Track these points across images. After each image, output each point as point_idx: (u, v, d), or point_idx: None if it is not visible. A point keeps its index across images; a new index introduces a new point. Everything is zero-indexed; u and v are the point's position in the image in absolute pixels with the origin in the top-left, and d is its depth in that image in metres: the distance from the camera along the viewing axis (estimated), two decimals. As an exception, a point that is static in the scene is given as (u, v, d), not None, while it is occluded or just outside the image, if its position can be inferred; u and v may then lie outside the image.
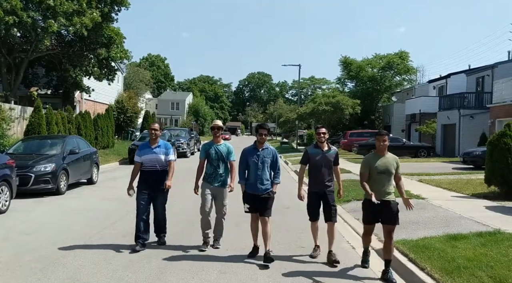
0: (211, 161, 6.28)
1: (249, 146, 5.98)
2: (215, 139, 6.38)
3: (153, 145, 6.46)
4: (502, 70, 24.72)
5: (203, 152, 6.39)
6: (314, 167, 5.89)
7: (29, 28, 18.98)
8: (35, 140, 13.60)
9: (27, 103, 22.14)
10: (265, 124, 6.01)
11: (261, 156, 5.82)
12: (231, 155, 6.36)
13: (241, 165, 5.93)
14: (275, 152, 6.01)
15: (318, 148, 5.92)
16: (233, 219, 7.80)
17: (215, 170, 6.27)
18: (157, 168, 6.41)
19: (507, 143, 9.80)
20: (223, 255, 6.05)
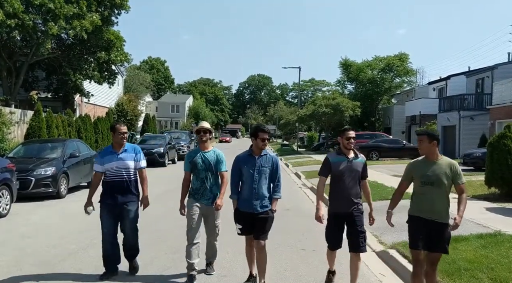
0: (197, 173, 5.13)
1: (244, 153, 4.83)
2: (201, 145, 5.22)
3: (118, 149, 5.19)
4: (501, 72, 24.76)
5: (187, 162, 5.20)
6: (337, 180, 4.64)
7: (30, 31, 19.04)
8: (36, 143, 13.61)
9: (27, 106, 22.18)
10: (265, 126, 4.82)
11: (258, 165, 4.68)
12: (221, 164, 5.20)
13: (233, 176, 4.82)
14: (275, 159, 4.85)
15: (342, 155, 4.68)
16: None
17: (203, 184, 5.11)
18: (124, 178, 5.13)
19: (507, 144, 9.81)
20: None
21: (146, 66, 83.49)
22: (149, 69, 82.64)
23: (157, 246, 6.54)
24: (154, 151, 20.56)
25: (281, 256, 6.06)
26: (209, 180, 5.12)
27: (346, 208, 4.61)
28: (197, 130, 5.25)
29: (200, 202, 5.11)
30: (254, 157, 4.72)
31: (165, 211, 9.19)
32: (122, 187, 5.14)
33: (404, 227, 7.34)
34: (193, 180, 5.19)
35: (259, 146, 4.71)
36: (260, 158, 4.73)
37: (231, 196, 4.86)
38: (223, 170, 5.19)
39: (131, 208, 5.18)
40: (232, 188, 4.86)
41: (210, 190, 5.13)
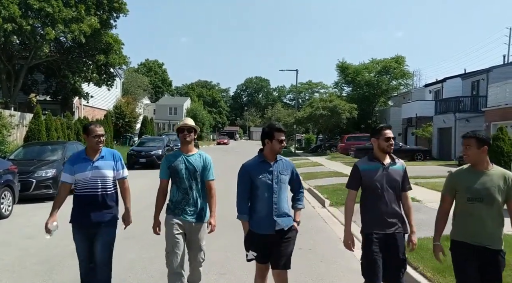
0: (178, 182, 4.16)
1: (253, 160, 3.93)
2: (183, 146, 4.26)
3: (93, 156, 4.15)
4: (497, 74, 25.00)
5: (164, 167, 4.21)
6: (371, 193, 3.71)
7: (28, 35, 19.18)
8: (36, 146, 13.75)
9: (27, 109, 22.30)
10: (280, 125, 3.96)
11: (276, 173, 3.79)
12: (209, 171, 4.28)
13: (242, 190, 3.86)
14: (292, 164, 4.01)
15: (376, 161, 3.77)
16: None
17: (186, 196, 4.16)
18: (99, 192, 4.10)
19: (500, 146, 10.03)
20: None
21: (144, 69, 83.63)
22: (147, 71, 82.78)
23: (156, 247, 6.68)
24: (152, 153, 20.71)
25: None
26: (193, 190, 4.16)
27: (385, 228, 3.66)
28: (179, 129, 4.24)
29: (182, 218, 4.14)
30: (268, 164, 3.81)
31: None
32: (97, 202, 4.09)
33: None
34: (172, 191, 4.21)
35: (276, 150, 3.80)
36: (276, 164, 3.84)
37: (240, 216, 3.86)
38: (210, 178, 4.26)
39: (106, 230, 4.12)
40: (240, 205, 3.85)
41: (194, 203, 4.17)
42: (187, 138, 4.23)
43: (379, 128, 3.88)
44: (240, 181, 3.90)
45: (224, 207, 9.89)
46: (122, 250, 5.91)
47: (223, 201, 11.16)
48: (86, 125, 4.25)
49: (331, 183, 13.89)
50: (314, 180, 15.27)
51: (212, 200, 4.29)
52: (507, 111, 20.11)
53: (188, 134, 4.24)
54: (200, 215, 4.23)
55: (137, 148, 21.85)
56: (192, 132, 4.27)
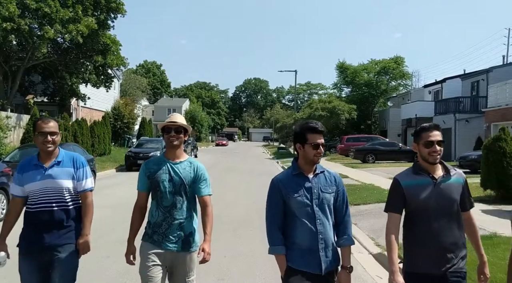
0: (159, 198, 3.17)
1: (285, 173, 2.94)
2: (169, 151, 3.24)
3: (47, 161, 3.20)
4: (496, 75, 24.93)
5: (142, 176, 3.24)
6: (419, 217, 2.78)
7: (25, 35, 19.03)
8: (32, 148, 13.52)
9: (23, 111, 22.14)
10: (317, 124, 2.84)
11: (317, 191, 2.79)
12: (203, 184, 3.25)
13: (274, 214, 2.84)
14: (339, 178, 2.95)
15: (424, 174, 2.81)
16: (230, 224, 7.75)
17: (168, 216, 3.15)
18: (53, 207, 3.16)
19: (502, 147, 9.87)
20: None
21: (142, 70, 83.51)
22: (145, 73, 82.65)
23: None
24: (150, 154, 20.54)
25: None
26: (178, 209, 3.14)
27: (437, 267, 2.73)
28: (164, 128, 3.21)
29: (163, 247, 3.12)
30: (305, 178, 2.80)
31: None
32: (52, 221, 3.15)
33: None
34: (151, 210, 3.21)
35: (310, 158, 2.77)
36: (317, 178, 2.81)
37: (274, 249, 2.80)
38: (205, 194, 3.24)
39: (65, 258, 3.17)
40: (272, 235, 2.82)
41: (179, 227, 3.14)
42: (175, 141, 3.15)
43: (421, 128, 2.86)
44: (270, 202, 2.85)
45: (221, 208, 9.73)
46: (116, 253, 5.76)
47: (220, 202, 11.04)
48: (34, 121, 3.32)
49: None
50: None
51: (207, 220, 3.22)
52: (508, 112, 20.01)
53: (176, 136, 3.17)
54: (187, 241, 3.17)
55: (135, 150, 21.70)
56: (181, 133, 3.20)
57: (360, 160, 25.16)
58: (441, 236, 2.73)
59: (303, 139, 2.78)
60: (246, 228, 8.04)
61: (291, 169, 2.89)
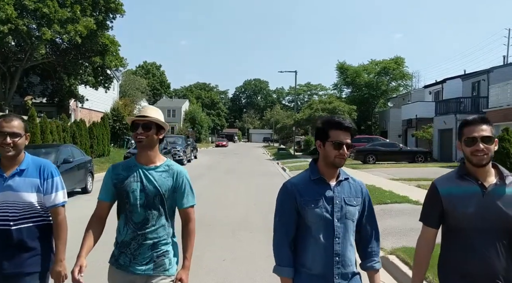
0: (128, 211, 2.54)
1: (301, 176, 2.36)
2: (140, 153, 2.59)
3: (9, 169, 2.64)
4: (497, 75, 24.81)
5: (107, 183, 2.59)
6: (460, 234, 2.20)
7: (24, 36, 18.92)
8: (29, 149, 13.35)
9: (22, 112, 22.02)
10: (344, 119, 2.32)
11: (339, 202, 2.26)
12: (184, 193, 2.61)
13: (283, 225, 2.28)
14: (366, 189, 2.41)
15: (469, 180, 2.20)
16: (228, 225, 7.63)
17: (139, 235, 2.52)
18: (10, 226, 2.57)
19: (505, 147, 9.77)
20: None
21: (142, 71, 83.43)
22: (145, 74, 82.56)
23: None
24: (149, 156, 20.43)
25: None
26: (152, 226, 2.50)
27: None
28: (132, 124, 2.55)
29: (131, 271, 2.50)
30: (327, 185, 2.25)
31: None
32: (10, 243, 2.57)
33: (403, 232, 7.30)
34: (119, 227, 2.59)
35: (330, 160, 2.22)
36: (340, 186, 2.27)
37: (280, 270, 2.25)
38: (188, 205, 2.59)
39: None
40: (280, 251, 2.27)
41: (152, 247, 2.50)
42: (143, 140, 2.48)
43: (461, 123, 2.25)
44: (280, 210, 2.27)
45: (220, 209, 9.56)
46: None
47: (219, 203, 10.89)
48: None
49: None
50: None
51: (188, 240, 2.56)
52: (509, 112, 19.88)
53: (145, 133, 2.48)
54: (161, 263, 2.52)
55: (133, 151, 21.53)
56: (150, 130, 2.50)
57: (361, 161, 25.03)
58: (486, 264, 2.10)
59: (324, 135, 2.25)
60: (246, 230, 7.90)
61: (308, 172, 2.30)
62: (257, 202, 11.33)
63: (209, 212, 9.83)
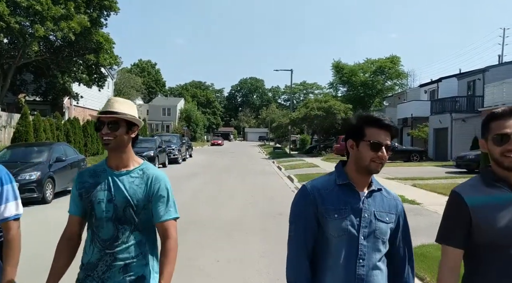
0: (95, 227, 2.09)
1: (326, 179, 1.92)
2: (110, 156, 2.14)
3: None
4: (492, 74, 24.83)
5: (74, 194, 2.15)
6: (493, 254, 1.69)
7: (16, 33, 18.70)
8: (21, 147, 13.28)
9: (15, 110, 21.80)
10: (384, 116, 1.85)
11: (369, 215, 1.83)
12: (162, 203, 2.08)
13: (302, 235, 1.85)
14: (402, 206, 1.97)
15: (501, 187, 1.74)
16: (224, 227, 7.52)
17: (108, 254, 2.05)
18: None
19: (502, 146, 9.68)
20: None
21: (137, 69, 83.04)
22: (140, 72, 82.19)
23: None
24: (144, 154, 20.25)
25: (273, 264, 5.81)
26: (123, 245, 2.05)
27: None
28: (98, 121, 2.09)
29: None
30: (355, 193, 1.86)
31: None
32: None
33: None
34: (85, 244, 2.14)
35: (365, 164, 1.83)
36: (371, 197, 1.88)
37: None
38: (166, 218, 2.08)
39: None
40: (294, 267, 1.87)
41: (123, 270, 2.05)
42: (110, 142, 2.04)
43: (486, 118, 1.83)
44: (298, 217, 1.87)
45: (215, 209, 9.46)
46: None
47: (214, 203, 10.78)
48: None
49: None
50: (309, 182, 14.87)
51: (166, 262, 2.00)
52: (505, 111, 19.90)
53: (111, 134, 2.03)
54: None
55: (128, 149, 21.40)
56: (118, 129, 2.05)
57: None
58: None
59: (358, 134, 1.84)
60: (241, 231, 7.80)
61: (334, 175, 1.90)
62: (252, 202, 11.24)
63: (204, 211, 9.73)
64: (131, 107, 2.12)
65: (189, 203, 11.01)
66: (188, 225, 7.83)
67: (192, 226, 8.11)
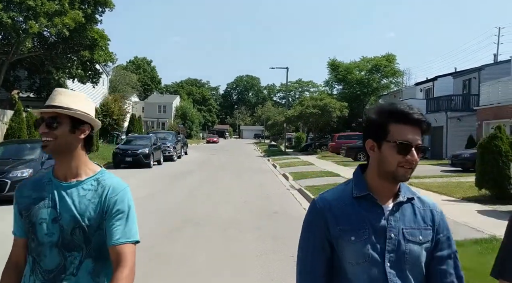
0: (36, 254, 1.63)
1: (340, 190, 1.51)
2: (56, 163, 1.69)
3: None
4: (488, 73, 24.87)
5: (16, 213, 1.71)
6: None
7: (9, 29, 18.48)
8: (14, 144, 13.14)
9: (8, 106, 21.58)
10: (414, 108, 1.43)
11: (396, 235, 1.42)
12: (116, 219, 1.63)
13: (311, 262, 1.46)
14: (441, 216, 1.53)
15: None
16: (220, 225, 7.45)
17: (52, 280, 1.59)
18: None
19: (498, 145, 9.66)
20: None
21: (133, 66, 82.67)
22: (136, 69, 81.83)
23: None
24: (139, 152, 20.16)
25: (268, 264, 5.74)
26: (71, 276, 1.61)
27: None
28: (39, 118, 1.67)
29: None
30: (377, 207, 1.45)
31: (144, 216, 8.81)
32: None
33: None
34: (24, 276, 1.68)
35: (391, 169, 1.42)
36: (399, 211, 1.46)
37: None
38: (122, 240, 1.62)
39: None
40: None
41: None
42: (49, 144, 1.64)
43: None
44: (304, 240, 1.51)
45: (210, 207, 9.39)
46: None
47: (209, 201, 10.70)
48: None
49: (322, 183, 13.48)
50: (305, 180, 14.85)
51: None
52: (500, 110, 19.93)
53: (50, 133, 1.64)
54: None
55: (123, 147, 21.26)
56: (58, 127, 1.64)
57: (352, 158, 24.96)
58: None
59: (381, 132, 1.43)
60: (235, 229, 7.72)
61: (350, 185, 1.50)
62: (247, 200, 11.16)
63: (198, 209, 9.66)
64: (80, 101, 1.68)
65: (184, 201, 10.93)
66: (183, 223, 7.76)
67: (186, 224, 8.04)
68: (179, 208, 9.86)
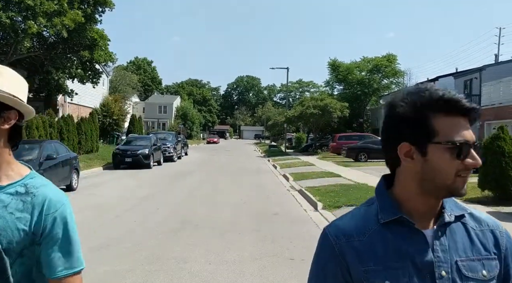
0: None
1: (359, 216, 1.06)
2: None
3: None
4: (489, 73, 24.76)
5: None
6: None
7: (8, 29, 18.39)
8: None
9: (7, 106, 21.48)
10: (459, 96, 0.97)
11: (446, 271, 0.97)
12: (54, 243, 1.17)
13: None
14: (508, 235, 1.06)
15: None
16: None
17: None
18: None
19: (501, 146, 9.55)
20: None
21: (133, 67, 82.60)
22: (136, 69, 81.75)
23: (132, 257, 6.06)
24: (138, 152, 20.08)
25: (267, 267, 5.63)
26: None
27: None
28: None
29: None
30: (417, 234, 1.00)
31: (143, 217, 8.72)
32: None
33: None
34: None
35: (445, 183, 0.98)
36: (446, 235, 1.02)
37: None
38: (68, 272, 1.19)
39: None
40: None
41: None
42: None
43: None
44: (315, 278, 1.08)
45: (208, 209, 9.28)
46: (95, 260, 5.28)
47: (207, 203, 10.58)
48: None
49: (323, 184, 13.36)
50: (305, 181, 14.73)
51: None
52: (501, 110, 19.82)
53: None
54: None
55: (123, 147, 21.18)
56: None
57: (352, 158, 24.85)
58: None
59: (423, 130, 1.00)
60: (234, 231, 7.61)
61: (374, 206, 1.08)
62: (247, 202, 11.05)
63: (197, 211, 9.54)
64: (5, 79, 1.20)
65: (183, 202, 10.83)
66: (182, 224, 7.66)
67: (184, 226, 7.93)
68: (178, 209, 9.76)
